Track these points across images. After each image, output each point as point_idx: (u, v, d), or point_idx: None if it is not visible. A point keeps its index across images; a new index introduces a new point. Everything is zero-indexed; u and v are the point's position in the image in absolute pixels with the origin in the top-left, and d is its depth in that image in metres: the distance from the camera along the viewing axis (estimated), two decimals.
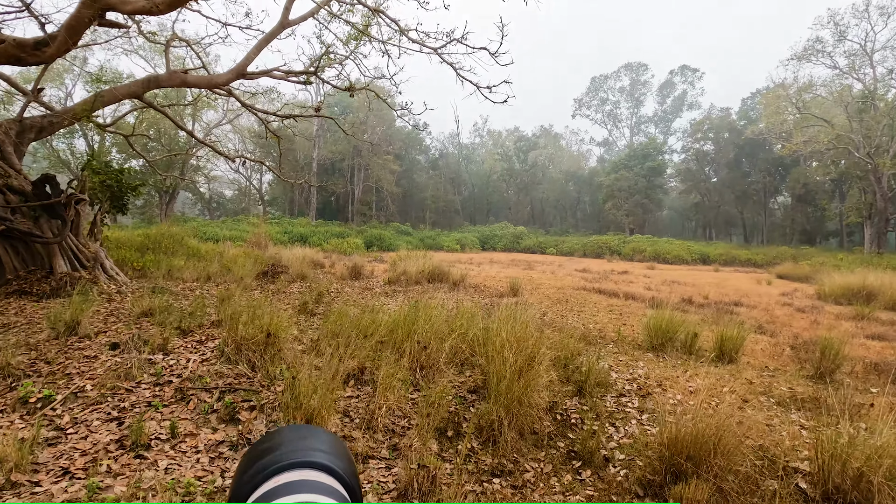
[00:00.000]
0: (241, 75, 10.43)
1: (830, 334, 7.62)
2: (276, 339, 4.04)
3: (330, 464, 0.47)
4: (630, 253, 34.00)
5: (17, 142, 8.53)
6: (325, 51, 10.29)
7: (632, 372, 4.89)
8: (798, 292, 14.76)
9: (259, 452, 0.48)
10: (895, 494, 2.42)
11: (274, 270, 11.12)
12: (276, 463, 0.46)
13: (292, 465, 0.46)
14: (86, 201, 8.67)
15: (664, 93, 62.81)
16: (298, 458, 0.47)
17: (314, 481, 0.45)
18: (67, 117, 8.84)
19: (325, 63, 11.82)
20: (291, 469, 0.46)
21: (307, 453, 0.48)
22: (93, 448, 2.78)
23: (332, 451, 0.49)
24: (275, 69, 10.76)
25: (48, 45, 5.95)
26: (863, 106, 28.51)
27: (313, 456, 0.48)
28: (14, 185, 7.97)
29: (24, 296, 7.43)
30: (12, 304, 6.89)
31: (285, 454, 0.47)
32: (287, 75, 11.33)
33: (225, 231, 27.24)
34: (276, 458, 0.47)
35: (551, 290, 12.74)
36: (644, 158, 47.02)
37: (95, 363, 3.88)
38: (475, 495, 2.54)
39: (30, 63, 6.10)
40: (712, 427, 2.64)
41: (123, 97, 9.56)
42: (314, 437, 0.51)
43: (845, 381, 4.79)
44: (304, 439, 0.50)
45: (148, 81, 9.62)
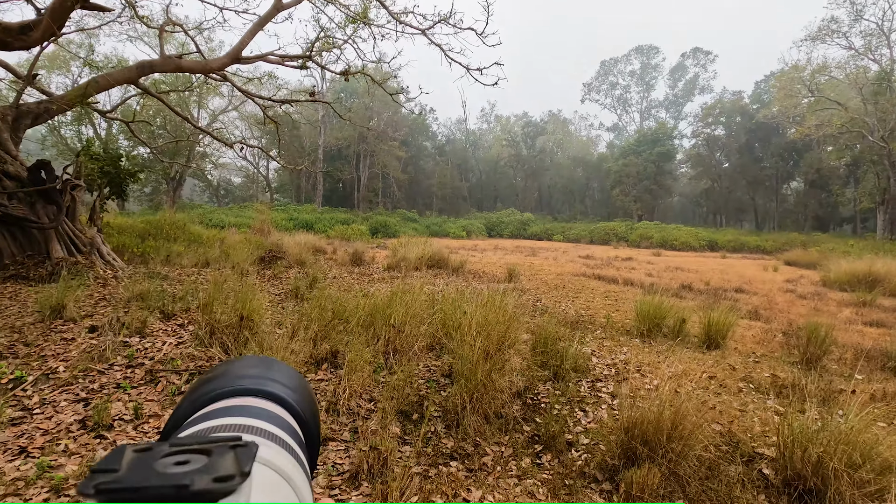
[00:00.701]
0: (236, 60, 10.37)
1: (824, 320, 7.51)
2: (251, 322, 4.05)
3: (280, 394, 0.44)
4: (637, 240, 33.68)
5: (14, 128, 8.59)
6: (318, 35, 10.18)
7: (613, 357, 4.85)
8: (804, 279, 14.54)
9: (205, 380, 0.45)
10: (854, 480, 2.37)
11: (271, 256, 11.17)
12: (219, 388, 0.43)
13: (236, 391, 0.43)
14: (81, 187, 8.73)
15: (675, 76, 61.62)
16: (244, 384, 0.44)
17: (257, 407, 0.41)
18: (62, 103, 8.87)
19: (324, 47, 11.71)
20: (235, 396, 0.43)
21: (255, 381, 0.44)
22: (55, 428, 2.82)
23: (286, 382, 0.46)
24: (269, 53, 10.68)
25: (33, 30, 5.93)
26: (878, 88, 27.68)
27: (262, 384, 0.44)
28: (10, 171, 8.04)
29: (20, 280, 7.52)
30: (8, 289, 6.98)
31: (231, 380, 0.44)
32: (283, 60, 11.24)
33: (231, 218, 27.39)
34: (219, 384, 0.44)
35: (550, 276, 12.66)
36: (653, 144, 46.30)
37: (71, 345, 3.92)
38: (423, 478, 2.53)
39: (16, 48, 6.10)
40: (670, 412, 2.60)
41: (119, 83, 9.56)
42: (268, 366, 0.48)
43: (831, 368, 4.71)
44: (254, 367, 0.47)
45: (142, 67, 9.60)
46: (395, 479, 2.32)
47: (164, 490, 0.23)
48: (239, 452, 0.28)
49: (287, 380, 0.46)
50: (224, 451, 0.28)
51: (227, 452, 0.28)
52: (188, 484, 0.24)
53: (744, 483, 2.67)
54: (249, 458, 0.27)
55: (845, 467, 2.37)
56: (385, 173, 47.24)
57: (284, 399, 0.44)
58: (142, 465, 0.26)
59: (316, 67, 10.92)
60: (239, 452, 0.28)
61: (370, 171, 46.62)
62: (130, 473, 0.25)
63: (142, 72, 9.56)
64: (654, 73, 62.91)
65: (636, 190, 45.93)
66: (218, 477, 0.25)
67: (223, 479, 0.25)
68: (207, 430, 0.37)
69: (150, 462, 0.26)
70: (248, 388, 0.43)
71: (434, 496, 2.35)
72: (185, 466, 0.26)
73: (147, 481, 0.24)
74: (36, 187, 8.00)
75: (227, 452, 0.28)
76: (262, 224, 19.49)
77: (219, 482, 0.24)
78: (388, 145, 44.55)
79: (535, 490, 2.49)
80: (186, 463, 0.27)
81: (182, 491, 0.23)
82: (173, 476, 0.25)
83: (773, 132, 43.99)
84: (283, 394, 0.44)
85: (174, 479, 0.24)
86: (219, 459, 0.27)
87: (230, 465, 0.26)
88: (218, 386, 0.43)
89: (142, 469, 0.26)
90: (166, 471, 0.25)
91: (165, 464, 0.26)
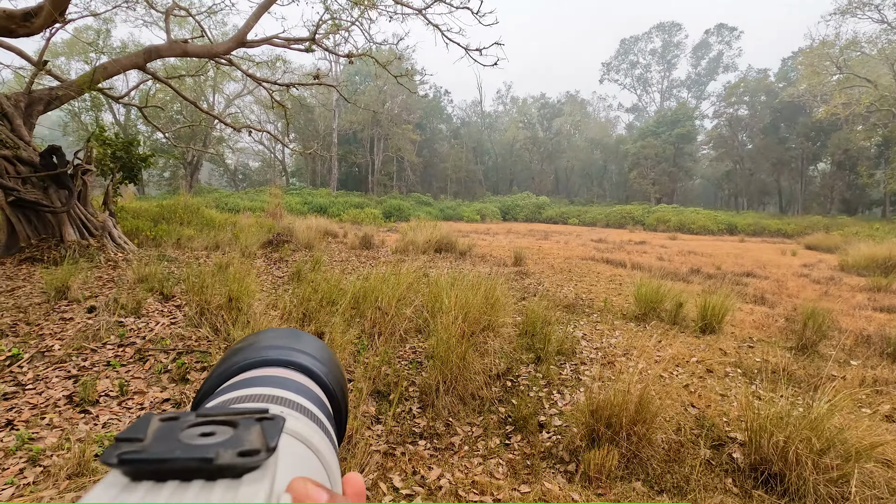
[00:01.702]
0: (242, 43, 10.39)
1: (831, 305, 7.34)
2: (239, 303, 4.14)
3: (308, 365, 0.44)
4: (654, 223, 33.12)
5: (27, 114, 8.80)
6: (321, 18, 10.12)
7: (604, 341, 4.83)
8: (821, 263, 14.17)
9: (235, 350, 0.46)
10: (818, 466, 2.34)
11: (278, 240, 11.32)
12: (248, 359, 0.44)
13: (265, 362, 0.43)
14: (92, 172, 8.93)
15: (699, 54, 59.63)
16: (273, 355, 0.44)
17: (285, 378, 0.41)
18: (72, 90, 9.04)
19: (330, 30, 11.65)
20: (263, 366, 0.43)
21: (284, 352, 0.45)
22: (44, 403, 2.95)
23: (314, 354, 0.46)
24: (274, 36, 10.67)
25: (36, 17, 6.04)
26: None
27: (290, 355, 0.44)
28: (23, 157, 8.25)
29: (35, 262, 7.78)
30: (23, 270, 7.23)
31: (260, 351, 0.45)
32: (289, 43, 11.23)
33: (246, 201, 27.77)
34: (249, 354, 0.44)
35: (557, 259, 12.58)
36: (673, 125, 45.16)
37: (69, 325, 4.07)
38: (386, 456, 2.58)
39: (19, 34, 6.23)
40: (635, 395, 2.59)
41: (126, 68, 9.69)
42: (296, 338, 0.48)
43: (827, 354, 4.61)
44: (282, 338, 0.48)
45: (149, 52, 9.70)
46: (355, 457, 2.38)
47: (189, 463, 0.23)
48: (265, 426, 0.28)
49: (315, 351, 0.47)
50: (250, 424, 0.28)
51: (254, 425, 0.28)
52: (212, 457, 0.23)
53: (711, 466, 2.66)
54: (276, 433, 0.27)
55: (810, 453, 2.34)
56: (399, 157, 47.17)
57: (312, 370, 0.44)
58: (167, 435, 0.26)
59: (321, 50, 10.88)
60: (265, 426, 0.28)
61: (384, 154, 46.60)
62: (155, 444, 0.25)
63: (148, 57, 9.66)
64: (676, 51, 61.00)
65: (654, 172, 45.00)
66: (243, 451, 0.24)
67: (248, 453, 0.24)
68: (236, 399, 0.37)
69: (175, 432, 0.26)
70: (277, 358, 0.44)
71: (393, 473, 2.41)
72: (210, 438, 0.26)
73: (172, 453, 0.24)
74: (48, 172, 8.21)
75: (254, 425, 0.28)
76: (275, 208, 19.75)
77: (243, 456, 0.24)
78: (402, 128, 44.38)
79: (495, 470, 2.52)
80: (212, 435, 0.26)
81: (206, 464, 0.23)
82: (198, 448, 0.24)
83: (800, 111, 42.42)
84: (310, 365, 0.44)
85: (199, 451, 0.24)
86: (245, 432, 0.27)
87: (256, 439, 0.26)
88: (247, 356, 0.44)
89: (167, 440, 0.25)
90: (192, 442, 0.25)
91: (191, 435, 0.26)
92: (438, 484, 2.35)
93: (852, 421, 2.79)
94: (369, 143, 46.81)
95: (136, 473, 0.23)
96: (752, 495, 2.42)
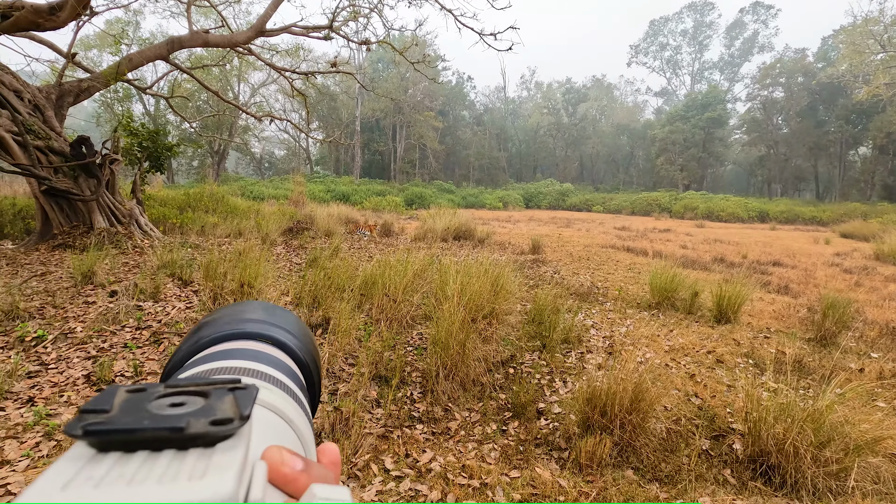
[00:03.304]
0: (261, 33, 10.51)
1: (860, 296, 7.07)
2: (251, 289, 4.25)
3: (282, 338, 0.43)
4: (681, 210, 32.30)
5: (58, 105, 9.13)
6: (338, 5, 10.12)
7: (613, 329, 4.78)
8: (856, 252, 13.61)
9: (206, 322, 0.45)
10: (818, 459, 2.29)
11: (298, 227, 11.52)
12: (219, 331, 0.42)
13: (237, 334, 0.42)
14: (119, 161, 9.24)
15: (732, 34, 57.23)
16: (246, 328, 0.43)
17: (258, 350, 0.41)
18: (99, 81, 9.33)
19: (350, 17, 11.66)
20: (236, 339, 0.42)
21: (257, 325, 0.44)
22: (64, 381, 3.11)
23: (288, 327, 0.45)
24: (293, 25, 10.74)
25: (61, 10, 6.24)
26: None
27: (263, 328, 0.44)
28: (55, 147, 8.58)
29: (67, 249, 8.12)
30: (55, 256, 7.56)
31: (232, 324, 0.44)
32: (307, 31, 11.29)
33: (270, 190, 28.27)
34: (220, 326, 0.43)
35: (578, 247, 12.45)
36: (703, 108, 43.65)
37: (91, 308, 4.26)
38: (382, 438, 2.64)
39: (46, 28, 6.45)
40: (631, 384, 2.57)
41: (150, 59, 9.92)
42: (270, 311, 0.47)
43: (847, 346, 4.46)
44: (255, 312, 0.47)
45: (172, 42, 9.91)
46: (349, 438, 2.44)
47: (158, 433, 0.22)
48: (238, 395, 0.27)
49: (288, 325, 0.46)
50: (223, 394, 0.27)
51: (226, 395, 0.27)
52: (183, 427, 0.23)
53: (710, 456, 2.63)
54: (249, 401, 0.26)
55: (808, 445, 2.29)
56: (422, 144, 47.09)
57: (285, 343, 0.43)
58: (135, 406, 0.25)
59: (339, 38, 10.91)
60: (238, 395, 0.27)
61: (407, 142, 46.60)
62: (122, 414, 0.24)
63: (171, 48, 9.87)
64: (708, 31, 58.68)
65: (683, 158, 43.74)
66: (215, 420, 0.24)
67: (221, 422, 0.24)
68: (207, 371, 0.36)
69: (143, 403, 0.25)
70: (250, 331, 0.43)
71: (386, 455, 2.46)
72: (180, 409, 0.25)
73: (139, 423, 0.23)
74: (78, 161, 8.52)
75: (226, 395, 0.27)
76: (298, 196, 20.07)
77: (216, 425, 0.23)
78: (425, 115, 44.22)
79: (488, 455, 2.55)
80: (182, 405, 0.26)
81: (177, 434, 0.22)
82: (168, 418, 0.24)
83: (840, 93, 40.36)
84: (284, 338, 0.43)
85: (168, 420, 0.23)
86: (217, 402, 0.26)
87: (228, 408, 0.25)
88: (219, 329, 0.43)
89: (135, 410, 0.24)
90: (161, 412, 0.24)
91: (160, 405, 0.25)
92: (429, 467, 2.39)
93: (862, 414, 2.71)
94: (392, 131, 46.86)
95: (103, 444, 0.22)
96: (749, 486, 2.39)
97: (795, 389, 3.11)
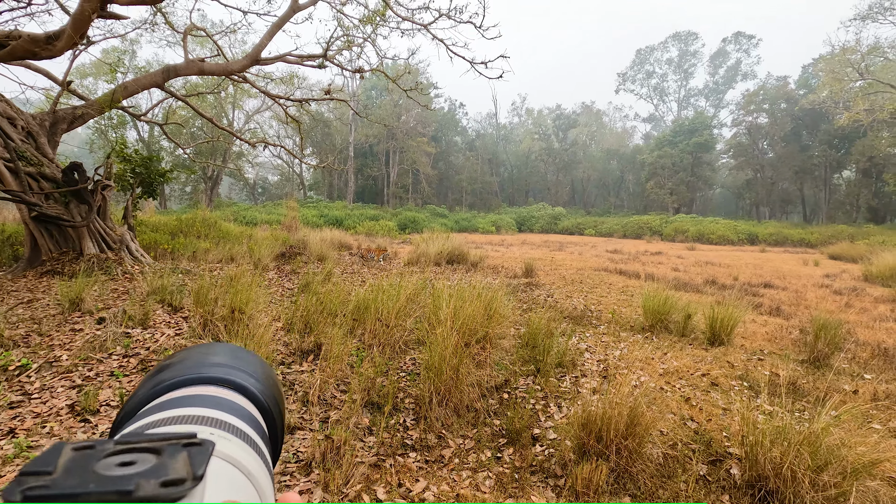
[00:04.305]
0: (256, 61, 10.68)
1: (851, 317, 7.11)
2: (241, 315, 4.20)
3: (244, 383, 0.41)
4: (671, 233, 32.63)
5: (51, 132, 9.15)
6: (332, 33, 10.35)
7: (608, 353, 4.76)
8: (845, 273, 13.76)
9: (161, 367, 0.43)
10: (815, 483, 2.26)
11: (291, 252, 11.48)
12: (177, 376, 0.40)
13: (192, 380, 0.40)
14: (111, 187, 9.22)
15: (716, 63, 59.00)
16: (206, 373, 0.41)
17: (218, 397, 0.39)
18: (94, 108, 9.39)
19: (344, 46, 11.90)
20: (195, 384, 0.40)
21: (218, 369, 0.42)
22: (47, 412, 3.03)
23: (251, 371, 0.44)
24: (288, 54, 10.94)
25: (58, 40, 6.32)
26: None
27: (225, 373, 0.42)
28: (46, 173, 8.57)
29: (55, 275, 8.02)
30: (43, 283, 7.45)
31: (191, 368, 0.41)
32: (301, 60, 11.50)
33: (263, 215, 28.26)
34: (178, 371, 0.41)
35: (570, 270, 12.48)
36: (690, 133, 44.62)
37: (78, 336, 4.18)
38: (373, 467, 2.57)
39: (43, 57, 6.52)
40: (625, 408, 2.54)
41: (145, 87, 10.03)
42: (229, 354, 0.45)
43: (840, 367, 4.46)
44: (217, 355, 0.44)
45: (167, 71, 10.04)
46: (340, 468, 2.38)
47: (105, 496, 0.21)
48: (192, 452, 0.25)
49: (252, 368, 0.44)
50: (176, 451, 0.25)
51: (180, 452, 0.25)
52: (131, 489, 0.21)
53: (708, 482, 2.59)
54: (204, 459, 0.25)
55: (806, 469, 2.26)
56: (415, 169, 47.55)
57: (248, 389, 0.41)
58: (80, 466, 0.23)
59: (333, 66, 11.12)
60: (192, 452, 0.25)
61: (399, 167, 47.04)
62: (66, 476, 0.22)
63: (167, 76, 9.99)
64: (692, 60, 60.50)
65: (672, 182, 44.43)
66: (166, 481, 0.22)
67: (172, 482, 0.22)
68: (160, 421, 0.35)
69: (90, 463, 0.24)
70: (210, 376, 0.41)
71: (378, 485, 2.40)
72: (129, 468, 0.24)
73: (84, 486, 0.21)
74: (69, 188, 8.50)
75: (180, 452, 0.25)
76: (291, 221, 20.06)
77: (167, 486, 0.22)
78: (417, 141, 44.81)
79: (482, 483, 2.50)
80: (132, 464, 0.24)
81: (124, 497, 0.21)
82: (114, 480, 0.22)
83: (822, 119, 41.50)
84: (246, 383, 0.42)
85: (115, 483, 0.22)
86: (169, 460, 0.25)
87: (181, 467, 0.24)
88: (177, 374, 0.40)
89: (80, 471, 0.23)
90: (108, 473, 0.23)
91: (108, 465, 0.24)
92: (423, 497, 2.33)
93: (859, 436, 2.69)
94: (385, 156, 47.34)
95: None
96: None
97: (791, 412, 3.10)
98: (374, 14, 10.85)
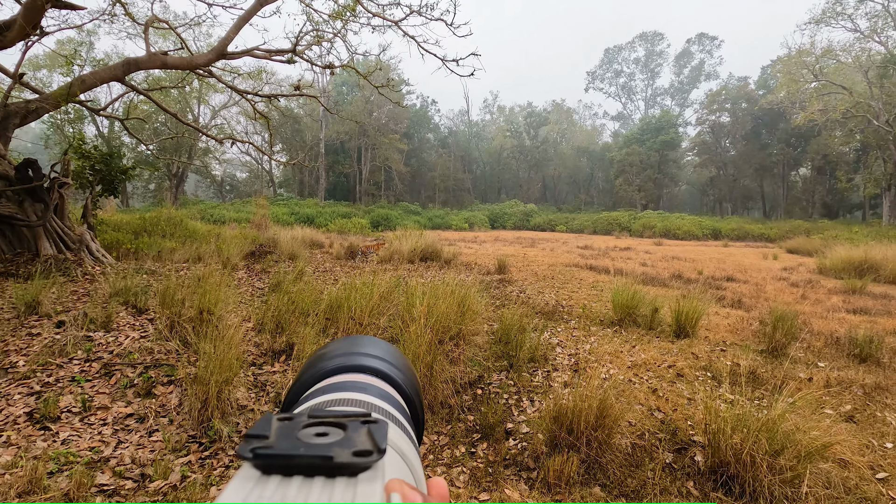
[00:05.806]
0: (222, 55, 10.40)
1: (806, 308, 7.47)
2: (210, 316, 4.11)
3: (389, 372, 0.46)
4: (640, 229, 33.48)
5: (2, 127, 8.70)
6: (301, 28, 10.17)
7: (578, 347, 4.86)
8: (801, 267, 14.42)
9: (315, 359, 0.48)
10: (773, 467, 2.38)
11: (261, 251, 11.26)
12: (335, 364, 0.46)
13: (343, 368, 0.45)
14: (69, 185, 8.84)
15: (681, 63, 60.76)
16: (357, 361, 0.46)
17: (369, 384, 0.43)
18: (49, 102, 8.97)
19: (313, 41, 11.70)
20: (343, 373, 0.45)
21: (366, 358, 0.47)
22: (3, 420, 2.90)
23: (393, 361, 0.48)
24: (255, 48, 10.69)
25: (8, 30, 6.01)
26: (884, 71, 27.06)
27: (372, 362, 0.47)
28: None
29: (9, 278, 7.64)
30: None
31: (344, 357, 0.47)
32: (270, 54, 11.26)
33: (231, 213, 27.61)
34: (331, 361, 0.46)
35: (542, 266, 12.66)
36: (657, 132, 45.83)
37: (35, 340, 4.01)
38: None
39: None
40: (595, 400, 2.62)
41: (104, 80, 9.64)
42: (373, 345, 0.50)
43: (796, 356, 4.68)
44: (362, 346, 0.50)
45: (128, 64, 9.66)
46: None
47: (312, 460, 0.25)
48: (372, 428, 0.29)
49: (393, 358, 0.49)
50: (358, 427, 0.29)
51: (361, 427, 0.29)
52: (332, 456, 0.25)
53: (674, 469, 2.69)
54: (383, 435, 0.28)
55: (764, 454, 2.38)
56: (387, 166, 47.23)
57: (390, 376, 0.46)
58: (288, 433, 0.28)
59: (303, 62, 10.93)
60: (372, 428, 0.29)
61: (372, 164, 46.63)
62: (280, 441, 0.26)
63: (128, 69, 9.62)
64: (658, 60, 62.13)
65: (640, 179, 45.57)
66: (357, 451, 0.26)
67: (362, 453, 0.26)
68: (327, 402, 0.39)
69: (293, 431, 0.28)
70: (361, 364, 0.45)
71: None
72: (325, 438, 0.27)
73: (296, 450, 0.25)
74: (23, 185, 8.11)
75: (361, 427, 0.29)
76: (261, 219, 19.65)
77: (358, 456, 0.25)
78: (390, 138, 44.50)
79: (457, 479, 2.53)
80: (326, 435, 0.28)
81: (326, 462, 0.25)
82: (317, 447, 0.26)
83: (780, 118, 43.28)
84: (388, 370, 0.46)
85: (318, 449, 0.25)
86: (354, 434, 0.28)
87: (365, 441, 0.27)
88: (331, 362, 0.46)
89: (289, 438, 0.27)
90: (310, 441, 0.27)
91: (307, 434, 0.28)
92: None
93: (812, 422, 2.84)
94: (357, 153, 46.83)
95: (267, 467, 0.25)
96: (712, 497, 2.45)
97: (750, 400, 3.24)
98: (344, 9, 10.72)
